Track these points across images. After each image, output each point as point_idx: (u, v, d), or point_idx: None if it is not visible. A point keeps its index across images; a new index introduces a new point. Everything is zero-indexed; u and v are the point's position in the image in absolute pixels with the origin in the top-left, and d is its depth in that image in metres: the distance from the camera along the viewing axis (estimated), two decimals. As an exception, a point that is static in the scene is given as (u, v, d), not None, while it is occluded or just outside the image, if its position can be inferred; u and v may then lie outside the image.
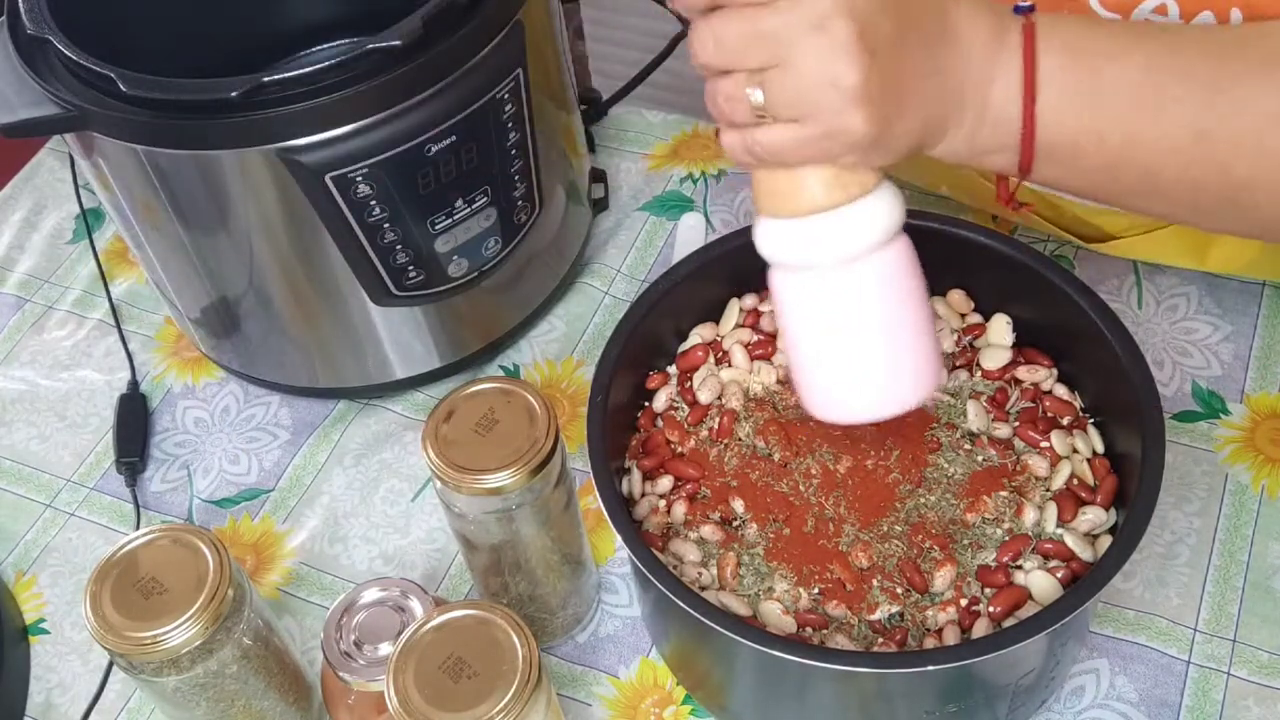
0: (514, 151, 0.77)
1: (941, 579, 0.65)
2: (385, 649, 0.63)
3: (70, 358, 0.96)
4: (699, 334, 0.76)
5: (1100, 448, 0.69)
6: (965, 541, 0.66)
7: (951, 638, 0.63)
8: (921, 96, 0.53)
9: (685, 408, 0.74)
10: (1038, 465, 0.68)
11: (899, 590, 0.65)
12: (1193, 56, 0.53)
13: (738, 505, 0.69)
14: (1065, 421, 0.71)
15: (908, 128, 0.53)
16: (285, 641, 0.70)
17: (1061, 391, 0.72)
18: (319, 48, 0.92)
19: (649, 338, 0.74)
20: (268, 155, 0.70)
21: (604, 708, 0.74)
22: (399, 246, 0.76)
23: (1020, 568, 0.65)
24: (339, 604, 0.65)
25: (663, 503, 0.70)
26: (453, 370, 0.88)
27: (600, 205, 0.98)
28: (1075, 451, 0.69)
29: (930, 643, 0.64)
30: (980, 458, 0.69)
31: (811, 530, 0.67)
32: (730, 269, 0.75)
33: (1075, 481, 0.68)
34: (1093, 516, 0.66)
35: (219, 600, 0.62)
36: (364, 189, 0.71)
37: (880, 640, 0.64)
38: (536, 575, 0.71)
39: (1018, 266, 0.71)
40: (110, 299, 0.98)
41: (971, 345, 0.74)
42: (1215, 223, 0.59)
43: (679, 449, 0.72)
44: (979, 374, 0.73)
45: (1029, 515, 0.66)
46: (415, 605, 0.65)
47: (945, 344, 0.73)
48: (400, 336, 0.84)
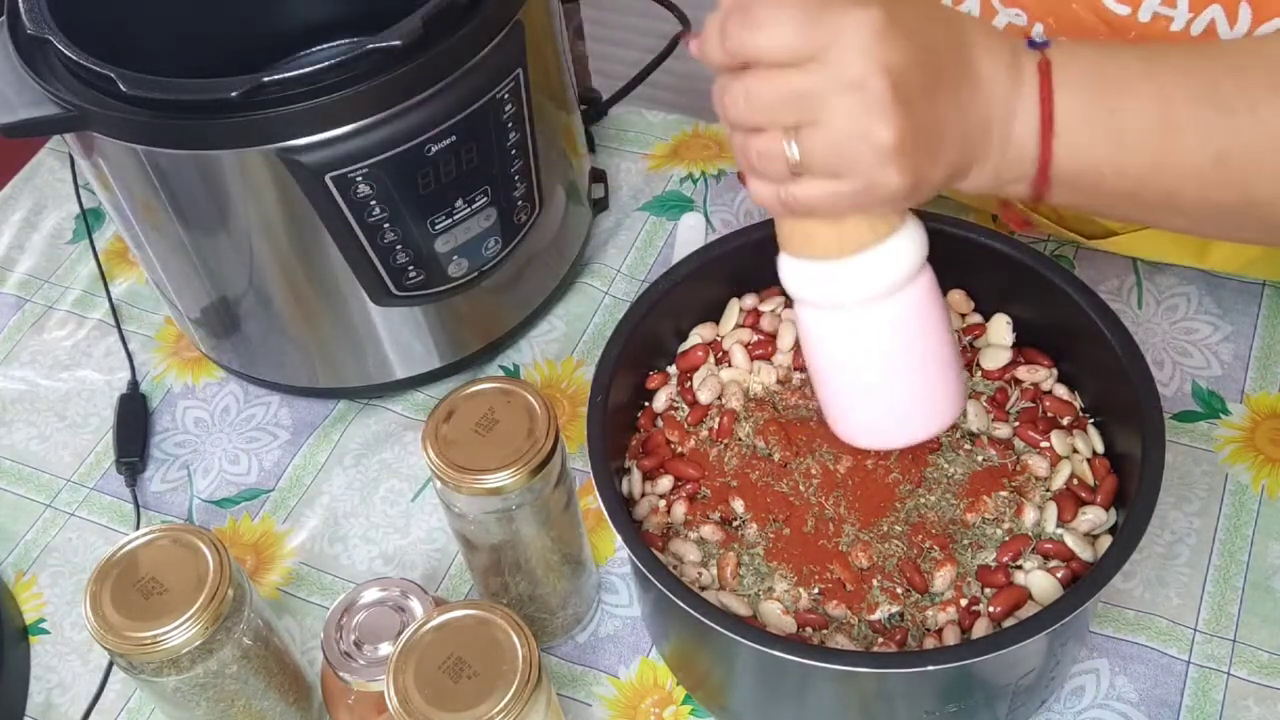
0: (514, 151, 0.77)
1: (941, 579, 0.65)
2: (385, 649, 0.63)
3: (70, 358, 0.96)
4: (699, 334, 0.76)
5: (1100, 448, 0.69)
6: (965, 541, 0.66)
7: (951, 638, 0.63)
8: (950, 140, 0.53)
9: (685, 408, 0.74)
10: (1038, 465, 0.68)
11: (899, 590, 0.65)
12: (1207, 79, 0.53)
13: (738, 505, 0.69)
14: (1065, 421, 0.71)
15: (939, 172, 0.53)
16: (285, 641, 0.70)
17: (1061, 391, 0.72)
18: (319, 48, 0.91)
19: (649, 338, 0.74)
20: (268, 155, 0.70)
21: (604, 708, 0.74)
22: (399, 246, 0.76)
23: (1020, 568, 0.65)
24: (339, 604, 0.65)
25: (663, 503, 0.70)
26: (453, 370, 0.88)
27: (600, 205, 0.98)
28: (1075, 451, 0.69)
29: (930, 643, 0.64)
30: (980, 458, 0.69)
31: (811, 530, 0.67)
32: (730, 269, 0.75)
33: (1075, 481, 0.68)
34: (1093, 516, 0.66)
35: (219, 600, 0.62)
36: (364, 189, 0.71)
37: (880, 640, 0.64)
38: (536, 575, 0.71)
39: (1018, 266, 0.71)
40: (110, 299, 0.98)
41: (971, 345, 0.74)
42: (1235, 237, 0.60)
43: (679, 449, 0.72)
44: (979, 374, 0.73)
45: (1029, 515, 0.66)
46: (415, 605, 0.65)
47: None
48: (400, 336, 0.84)
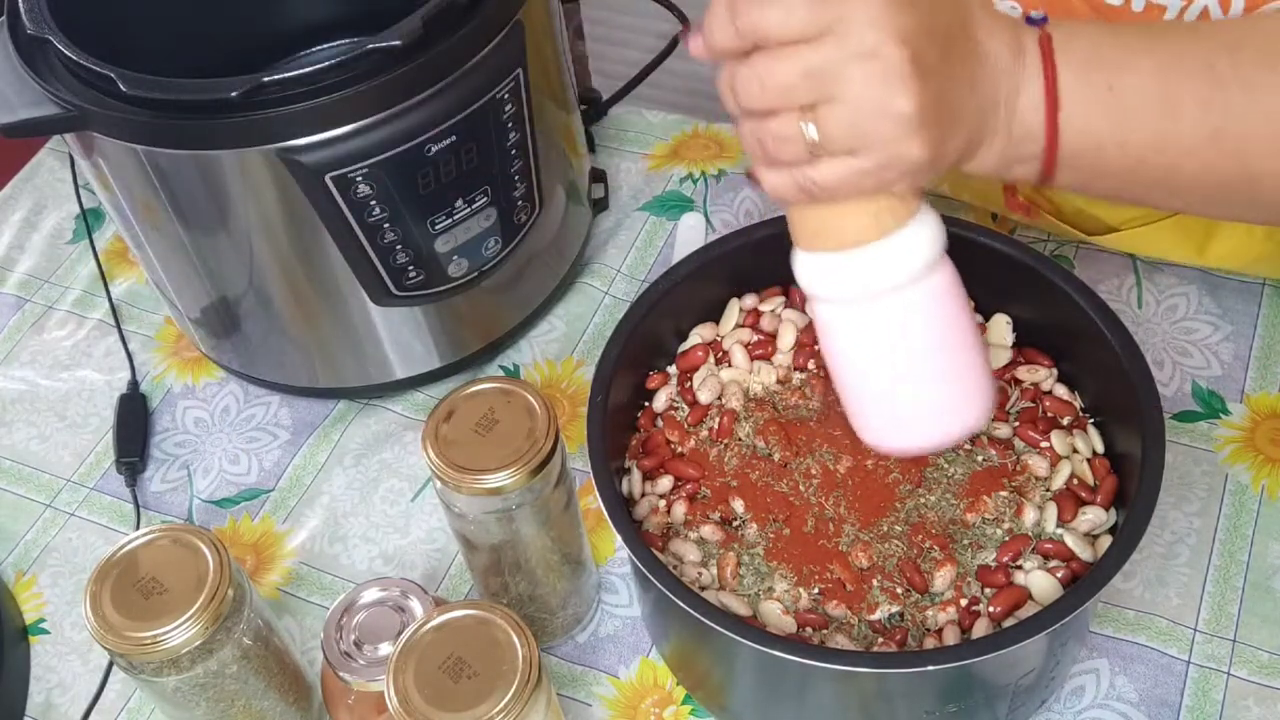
0: (514, 151, 0.77)
1: (941, 579, 0.65)
2: (385, 649, 0.63)
3: (70, 358, 0.96)
4: (699, 334, 0.76)
5: (1100, 448, 0.69)
6: (965, 541, 0.66)
7: (951, 638, 0.63)
8: (963, 115, 0.52)
9: (685, 408, 0.74)
10: (1038, 465, 0.68)
11: (899, 590, 0.65)
12: (1203, 56, 0.53)
13: (738, 505, 0.69)
14: (1065, 421, 0.71)
15: (954, 147, 0.53)
16: (285, 641, 0.70)
17: (1061, 391, 0.72)
18: (319, 48, 0.92)
19: (649, 338, 0.74)
20: (268, 155, 0.70)
21: (604, 708, 0.74)
22: (399, 246, 0.76)
23: (1020, 568, 0.65)
24: (339, 604, 0.65)
25: (663, 503, 0.70)
26: (453, 370, 0.88)
27: (600, 205, 0.98)
28: (1075, 451, 0.69)
29: (930, 643, 0.64)
30: (980, 458, 0.69)
31: (811, 530, 0.67)
32: (730, 269, 0.75)
33: (1075, 481, 0.68)
34: (1093, 516, 0.66)
35: (219, 600, 0.62)
36: (364, 189, 0.71)
37: (880, 640, 0.64)
38: (536, 575, 0.71)
39: (1018, 266, 0.71)
40: (110, 299, 0.98)
41: (971, 345, 0.74)
42: (1233, 215, 0.60)
43: (679, 449, 0.72)
44: (979, 374, 0.73)
45: (1029, 515, 0.66)
46: (415, 605, 0.65)
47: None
48: (400, 336, 0.84)
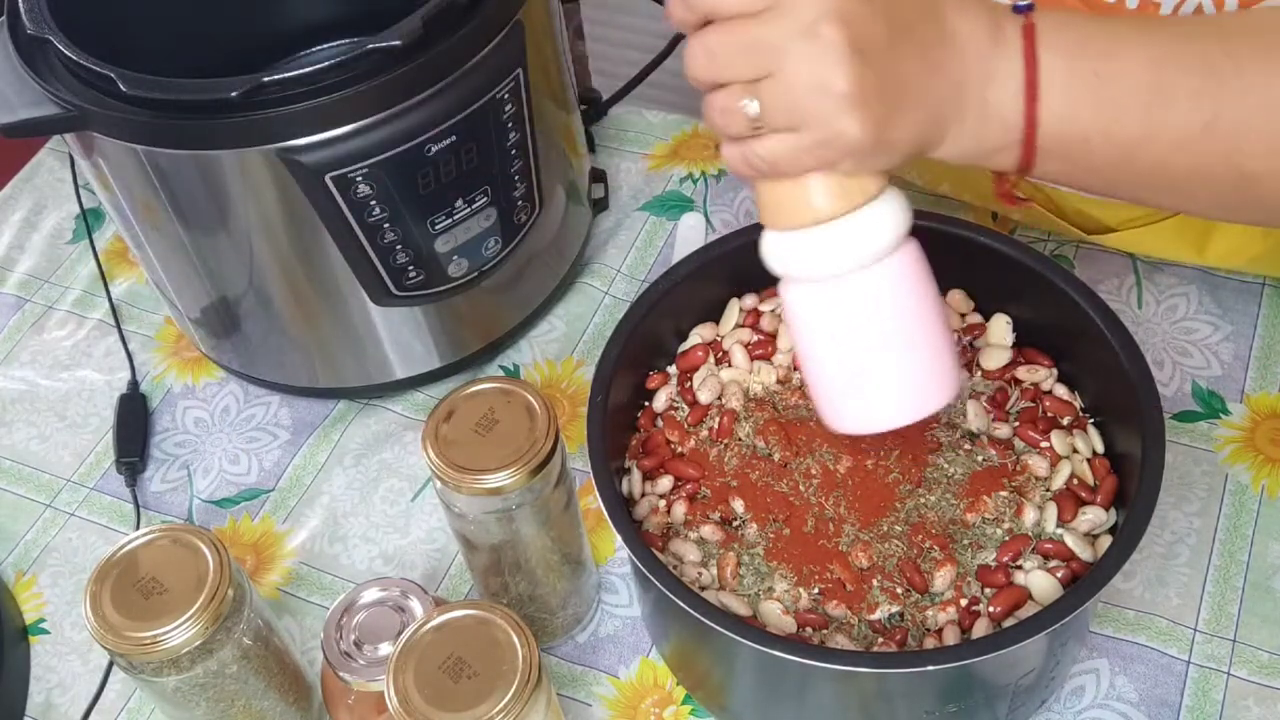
0: (514, 151, 0.77)
1: (941, 579, 0.65)
2: (385, 649, 0.63)
3: (70, 358, 0.96)
4: (699, 334, 0.76)
5: (1100, 448, 0.69)
6: (965, 541, 0.66)
7: (951, 638, 0.63)
8: (917, 97, 0.52)
9: (685, 408, 0.74)
10: (1038, 465, 0.68)
11: (899, 590, 0.65)
12: (1196, 47, 0.53)
13: (738, 505, 0.69)
14: (1065, 421, 0.71)
15: (905, 130, 0.52)
16: (285, 641, 0.70)
17: (1061, 391, 0.72)
18: (319, 48, 0.92)
19: (649, 338, 0.74)
20: (268, 155, 0.70)
21: (604, 708, 0.74)
22: (399, 246, 0.76)
23: (1020, 568, 0.65)
24: (339, 604, 0.65)
25: (663, 503, 0.70)
26: (453, 370, 0.88)
27: (600, 205, 0.98)
28: (1075, 451, 0.69)
29: (930, 643, 0.64)
30: (980, 458, 0.69)
31: (811, 530, 0.67)
32: (730, 269, 0.75)
33: (1075, 481, 0.68)
34: (1093, 516, 0.66)
35: (219, 600, 0.62)
36: (364, 189, 0.71)
37: (880, 640, 0.64)
38: (536, 575, 0.71)
39: (1018, 266, 0.71)
40: (110, 299, 0.98)
41: (971, 345, 0.74)
42: (1225, 214, 0.59)
43: (679, 449, 0.72)
44: (979, 374, 0.73)
45: (1029, 515, 0.66)
46: (415, 605, 0.65)
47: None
48: (400, 336, 0.84)
